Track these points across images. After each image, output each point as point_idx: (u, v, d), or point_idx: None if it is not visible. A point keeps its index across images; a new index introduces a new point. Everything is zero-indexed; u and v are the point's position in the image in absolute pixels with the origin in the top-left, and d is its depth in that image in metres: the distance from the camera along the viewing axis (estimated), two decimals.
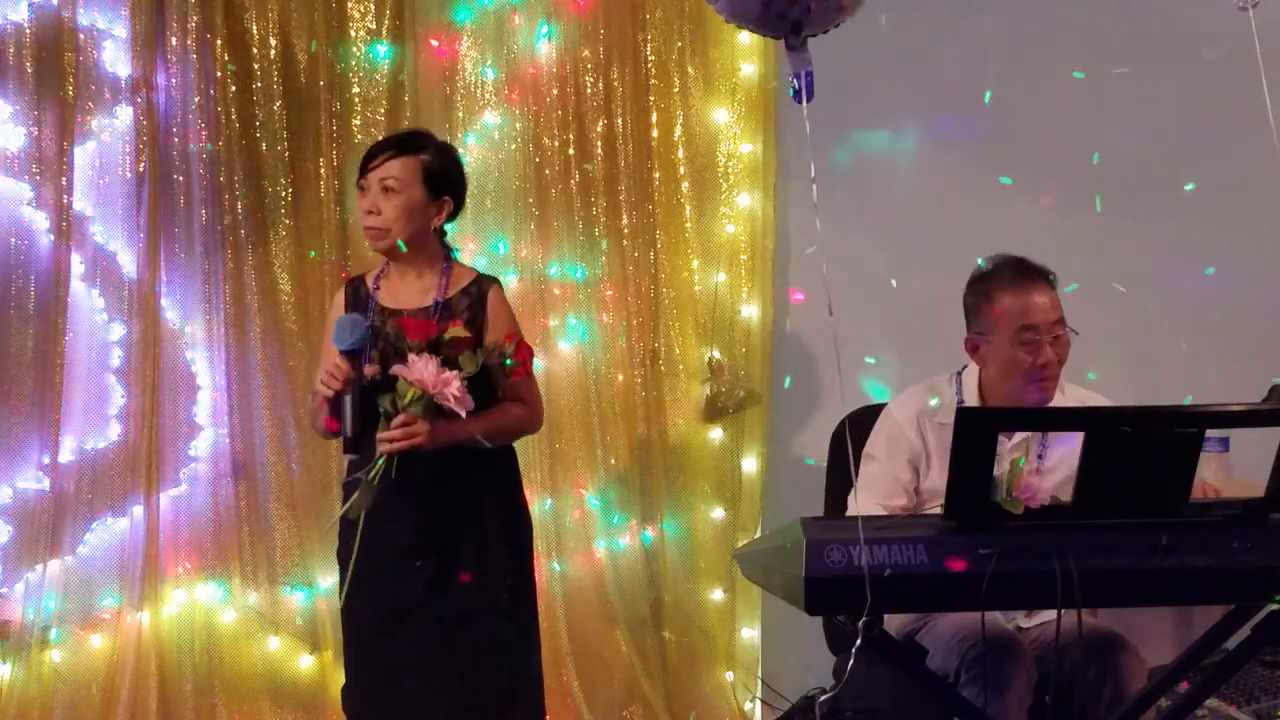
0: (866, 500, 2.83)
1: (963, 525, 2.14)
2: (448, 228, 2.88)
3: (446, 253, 2.85)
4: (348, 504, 2.58)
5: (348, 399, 2.57)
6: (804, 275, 4.02)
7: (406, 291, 2.79)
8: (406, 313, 2.73)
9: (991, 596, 2.08)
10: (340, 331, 2.62)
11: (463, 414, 2.56)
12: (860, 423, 3.02)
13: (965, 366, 2.93)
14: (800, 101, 2.01)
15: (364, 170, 2.77)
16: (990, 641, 2.53)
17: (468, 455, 2.71)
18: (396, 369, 2.56)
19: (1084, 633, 2.12)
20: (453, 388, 2.54)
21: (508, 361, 2.67)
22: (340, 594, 2.67)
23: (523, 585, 2.85)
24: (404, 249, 2.74)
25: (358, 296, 2.82)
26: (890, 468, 2.87)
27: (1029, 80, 3.99)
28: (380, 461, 2.55)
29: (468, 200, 3.78)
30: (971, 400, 2.87)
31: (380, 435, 2.56)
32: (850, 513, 2.85)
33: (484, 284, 2.82)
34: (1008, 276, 2.82)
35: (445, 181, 2.81)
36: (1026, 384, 2.78)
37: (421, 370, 2.53)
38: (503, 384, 2.75)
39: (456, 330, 2.65)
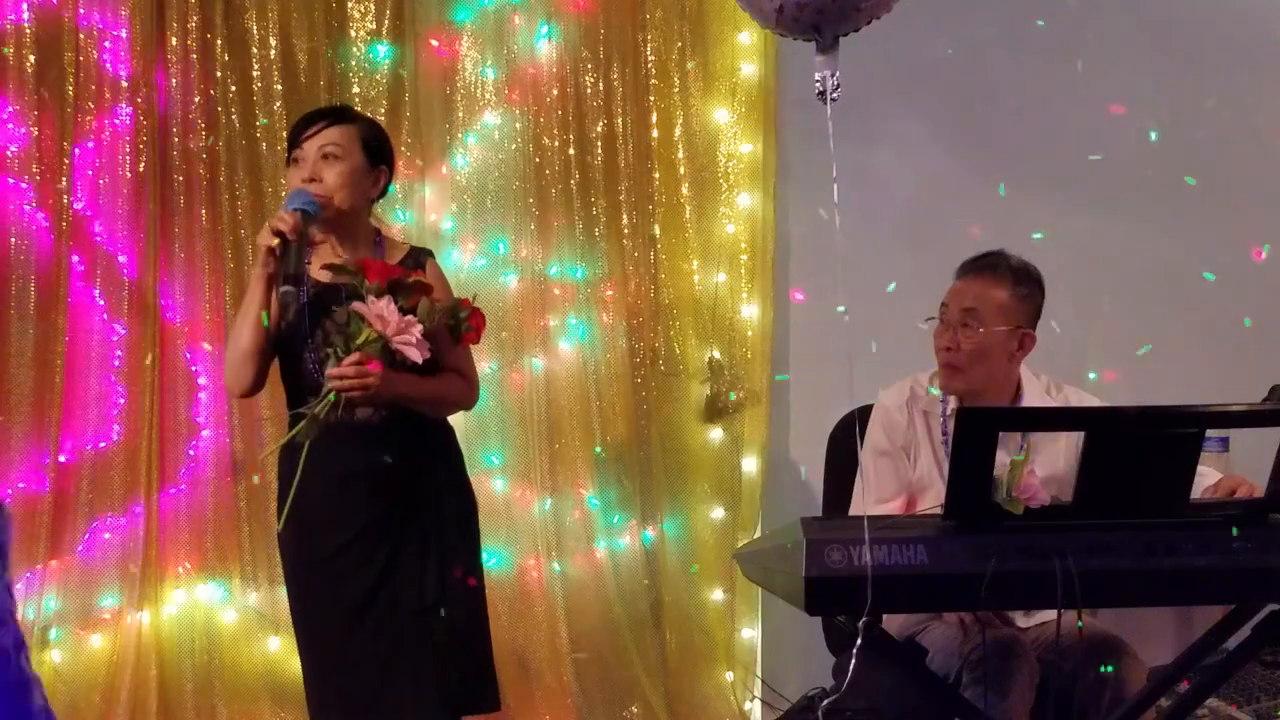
0: (872, 497, 2.84)
1: (963, 525, 2.14)
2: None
3: (375, 229, 2.78)
4: (291, 431, 2.49)
5: (294, 246, 2.49)
6: (805, 275, 4.02)
7: None
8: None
9: (991, 596, 2.08)
10: (294, 196, 2.56)
11: (418, 359, 2.47)
12: (860, 422, 3.02)
13: None
14: (825, 102, 2.03)
15: (295, 143, 2.67)
16: (993, 642, 2.53)
17: (414, 432, 2.63)
18: (356, 306, 2.45)
19: (1084, 635, 2.12)
20: (414, 331, 2.45)
21: (463, 325, 2.57)
22: (278, 521, 2.55)
23: (478, 567, 2.79)
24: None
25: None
26: (894, 460, 2.88)
27: (1029, 80, 4.00)
28: (330, 395, 2.47)
29: (467, 200, 3.84)
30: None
31: (330, 372, 2.47)
32: (855, 509, 2.86)
33: (420, 255, 2.77)
34: (962, 266, 2.88)
35: (382, 151, 2.76)
36: (938, 365, 2.83)
37: (384, 311, 2.44)
38: (446, 351, 2.64)
39: (419, 277, 2.57)
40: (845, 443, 3.15)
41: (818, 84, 2.04)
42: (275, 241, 2.50)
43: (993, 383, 2.82)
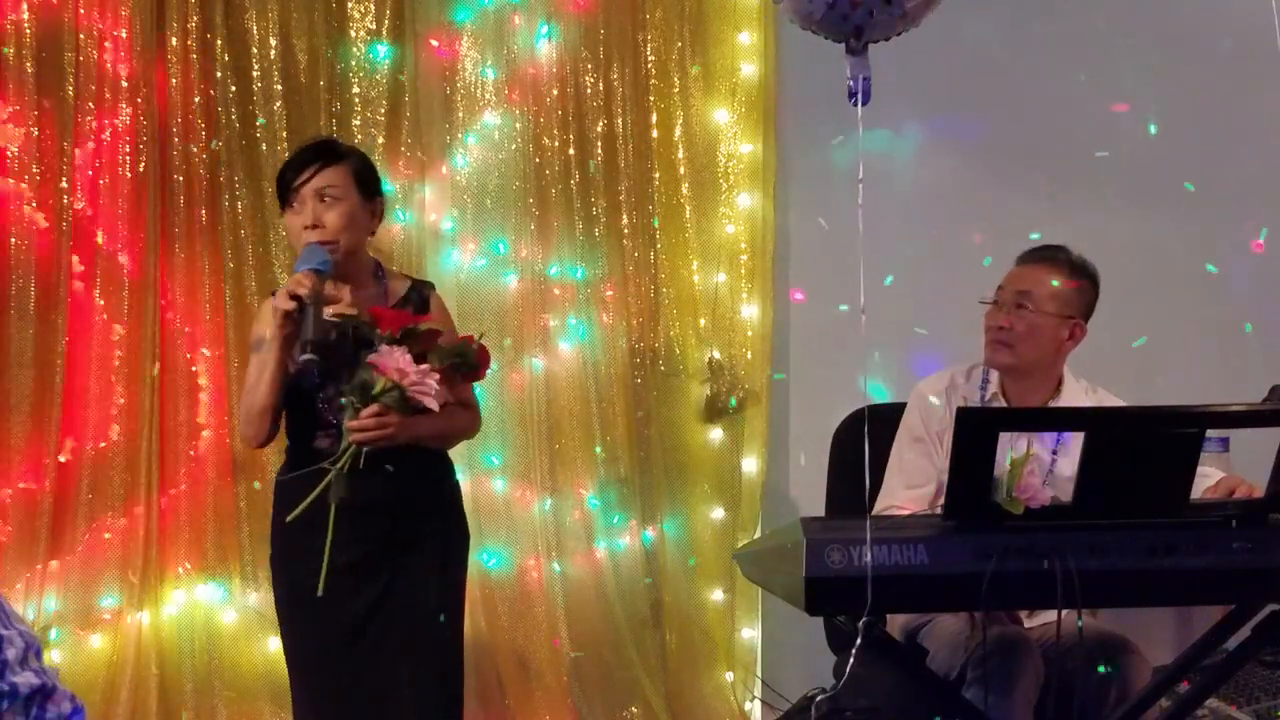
0: (899, 483, 2.87)
1: (963, 525, 2.14)
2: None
3: (375, 261, 2.76)
4: (318, 489, 2.46)
5: (311, 309, 2.45)
6: (805, 275, 4.02)
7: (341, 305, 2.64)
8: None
9: (991, 596, 2.08)
10: (308, 254, 2.54)
11: (435, 407, 2.45)
12: (861, 423, 3.02)
13: None
14: (855, 105, 2.05)
15: (289, 188, 2.62)
16: (998, 641, 2.53)
17: (414, 460, 2.61)
18: (373, 358, 2.45)
19: (1087, 635, 2.12)
20: (432, 381, 2.44)
21: (469, 362, 2.56)
22: (320, 587, 2.49)
23: (463, 589, 2.81)
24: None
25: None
26: (927, 447, 2.90)
27: (1032, 78, 3.99)
28: (350, 449, 2.47)
29: (467, 201, 3.84)
30: (994, 380, 2.90)
31: (350, 424, 2.46)
32: (882, 498, 2.88)
33: (423, 289, 2.75)
34: (1022, 254, 2.93)
35: (375, 183, 2.72)
36: (985, 343, 2.87)
37: (400, 361, 2.43)
38: (452, 387, 2.60)
39: (432, 323, 2.56)
40: (850, 442, 3.15)
41: (850, 85, 2.06)
42: (293, 306, 2.48)
43: (1038, 368, 2.86)
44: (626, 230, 3.89)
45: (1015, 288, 2.85)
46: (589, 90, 3.87)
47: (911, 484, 2.86)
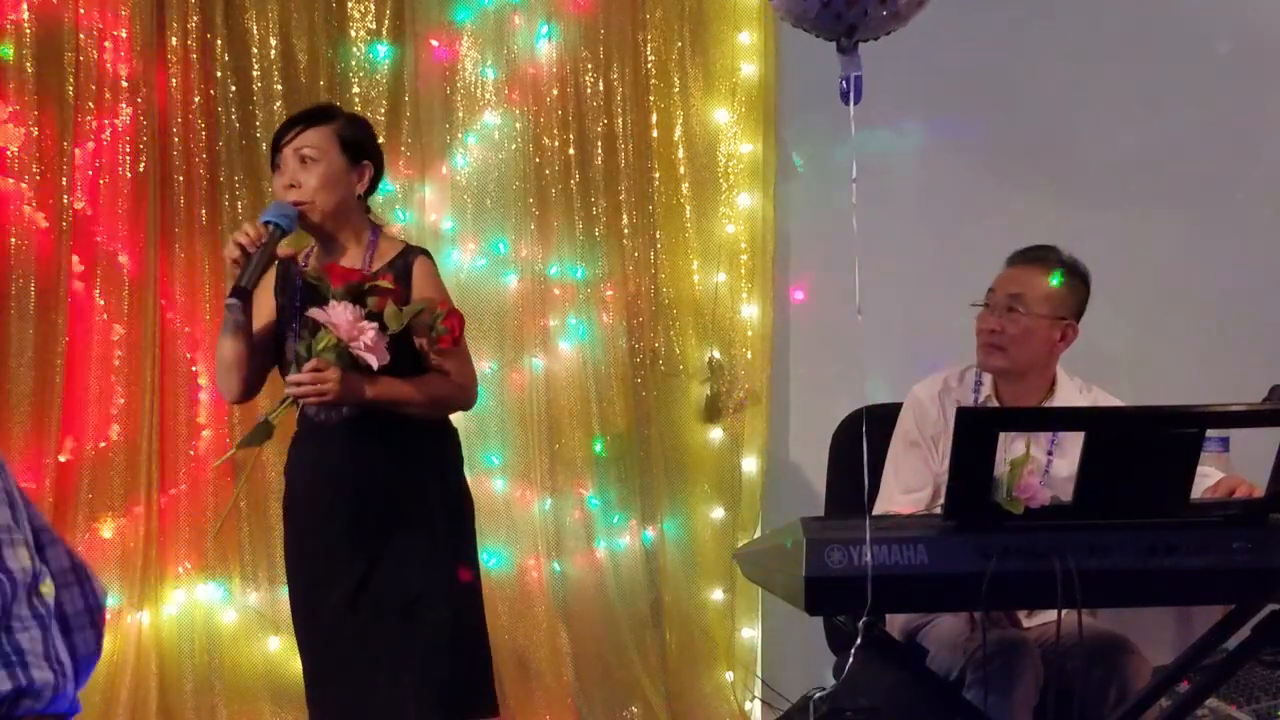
0: (896, 487, 2.87)
1: (963, 525, 2.14)
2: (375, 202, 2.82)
3: (373, 226, 2.74)
4: (243, 438, 2.55)
5: (255, 255, 2.48)
6: (805, 275, 4.02)
7: None
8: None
9: (991, 596, 2.08)
10: (273, 208, 2.56)
11: (374, 364, 2.43)
12: (862, 423, 3.01)
13: None
14: (847, 103, 2.04)
15: (276, 149, 2.67)
16: (998, 642, 2.53)
17: (398, 430, 2.61)
18: (312, 311, 2.45)
19: (1087, 635, 2.12)
20: (367, 335, 2.42)
21: (436, 327, 2.54)
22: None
23: (473, 573, 2.75)
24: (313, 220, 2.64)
25: (286, 274, 2.70)
26: (923, 451, 2.90)
27: (1032, 78, 3.99)
28: (286, 402, 2.48)
29: (467, 201, 3.84)
30: (987, 383, 2.89)
31: (288, 378, 2.48)
32: (879, 503, 2.88)
33: (410, 255, 2.69)
34: (1013, 255, 2.92)
35: (362, 147, 2.71)
36: (977, 346, 2.86)
37: (338, 315, 2.43)
38: (429, 352, 2.60)
39: (384, 282, 2.54)
40: (849, 443, 3.15)
41: (842, 84, 2.06)
42: (238, 254, 2.50)
43: (1031, 369, 2.85)
44: (626, 230, 3.89)
45: (1006, 290, 2.84)
46: (589, 90, 3.87)
47: (908, 488, 2.86)
